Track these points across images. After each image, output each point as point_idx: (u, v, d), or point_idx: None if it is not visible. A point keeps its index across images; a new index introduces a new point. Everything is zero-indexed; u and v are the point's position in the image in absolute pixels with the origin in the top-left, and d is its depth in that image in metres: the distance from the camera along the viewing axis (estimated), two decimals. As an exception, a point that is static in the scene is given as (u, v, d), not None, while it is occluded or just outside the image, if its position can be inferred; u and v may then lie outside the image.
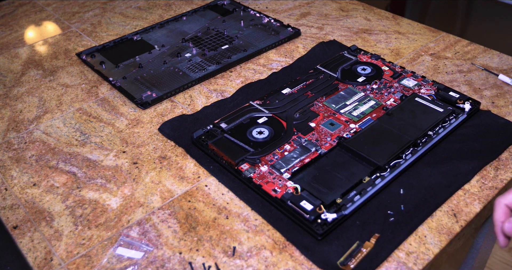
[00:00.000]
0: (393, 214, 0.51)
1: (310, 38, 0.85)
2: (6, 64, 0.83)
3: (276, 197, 0.52)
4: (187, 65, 0.78)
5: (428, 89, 0.68)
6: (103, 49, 0.84)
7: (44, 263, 0.49)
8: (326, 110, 0.65)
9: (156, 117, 0.68)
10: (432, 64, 0.76)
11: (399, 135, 0.58)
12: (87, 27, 0.94)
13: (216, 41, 0.84)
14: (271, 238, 0.50)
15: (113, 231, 0.52)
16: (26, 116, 0.70)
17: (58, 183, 0.58)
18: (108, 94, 0.74)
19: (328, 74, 0.72)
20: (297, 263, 0.47)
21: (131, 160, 0.61)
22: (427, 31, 0.86)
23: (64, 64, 0.82)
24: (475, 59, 0.77)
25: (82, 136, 0.65)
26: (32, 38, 0.91)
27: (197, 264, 0.48)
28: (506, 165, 0.57)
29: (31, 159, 0.62)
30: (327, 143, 0.59)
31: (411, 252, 0.48)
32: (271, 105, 0.66)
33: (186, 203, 0.55)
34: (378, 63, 0.74)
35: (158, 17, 0.96)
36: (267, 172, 0.55)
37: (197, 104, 0.71)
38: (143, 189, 0.57)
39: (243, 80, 0.75)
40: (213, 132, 0.62)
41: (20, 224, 0.53)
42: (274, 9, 0.97)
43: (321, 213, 0.49)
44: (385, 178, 0.54)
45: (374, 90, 0.68)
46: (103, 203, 0.55)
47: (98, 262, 0.48)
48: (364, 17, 0.92)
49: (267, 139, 0.60)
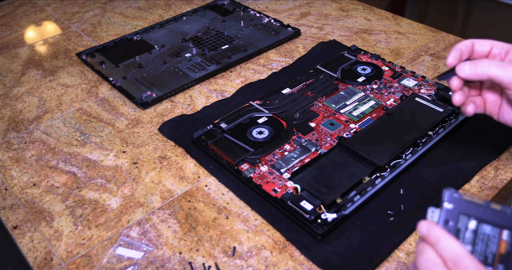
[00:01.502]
0: (393, 214, 0.51)
1: (310, 38, 0.85)
2: (6, 64, 0.83)
3: (276, 197, 0.52)
4: (187, 65, 0.78)
5: (428, 89, 0.68)
6: (103, 49, 0.84)
7: (44, 263, 0.49)
8: (326, 110, 0.65)
9: (156, 117, 0.68)
10: (432, 64, 0.76)
11: (399, 135, 0.58)
12: (87, 27, 0.94)
13: (216, 41, 0.84)
14: (271, 238, 0.50)
15: (113, 231, 0.52)
16: (26, 116, 0.70)
17: (58, 183, 0.58)
18: (108, 94, 0.74)
19: (328, 74, 0.72)
20: (297, 263, 0.47)
21: (131, 160, 0.61)
22: (427, 31, 0.86)
23: (64, 64, 0.82)
24: (475, 59, 0.77)
25: (82, 136, 0.65)
26: (32, 38, 0.91)
27: (197, 264, 0.48)
28: (506, 165, 0.57)
29: (31, 159, 0.62)
30: (327, 143, 0.59)
31: (411, 252, 0.48)
32: (271, 105, 0.66)
33: (186, 203, 0.55)
34: (378, 63, 0.74)
35: (158, 17, 0.96)
36: (267, 172, 0.55)
37: (197, 104, 0.71)
38: (143, 189, 0.57)
39: (243, 80, 0.75)
40: (213, 132, 0.62)
41: (20, 224, 0.53)
42: (274, 9, 0.97)
43: (321, 213, 0.49)
44: (385, 178, 0.54)
45: (374, 90, 0.68)
46: (103, 203, 0.55)
47: (98, 262, 0.48)
48: (364, 17, 0.92)
49: (267, 139, 0.60)
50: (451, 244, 0.31)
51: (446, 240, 0.31)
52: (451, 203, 0.31)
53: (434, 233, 0.31)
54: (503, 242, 0.31)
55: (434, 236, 0.31)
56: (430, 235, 0.32)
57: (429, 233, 0.32)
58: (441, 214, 0.31)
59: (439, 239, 0.31)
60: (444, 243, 0.31)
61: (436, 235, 0.31)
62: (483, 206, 0.31)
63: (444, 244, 0.31)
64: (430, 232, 0.32)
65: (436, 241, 0.31)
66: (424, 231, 0.32)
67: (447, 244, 0.31)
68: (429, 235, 0.32)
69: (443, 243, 0.31)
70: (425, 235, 0.32)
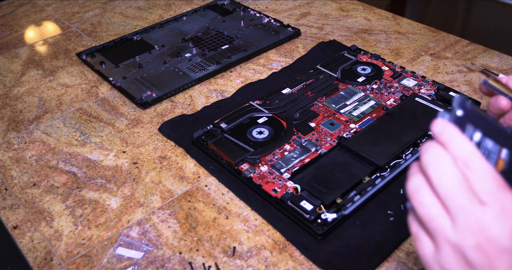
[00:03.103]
0: (393, 214, 0.51)
1: (310, 38, 0.85)
2: (6, 64, 0.83)
3: (276, 197, 0.52)
4: (187, 65, 0.78)
5: (428, 89, 0.68)
6: (103, 49, 0.84)
7: (44, 263, 0.49)
8: (326, 110, 0.65)
9: (156, 117, 0.68)
10: (432, 64, 0.76)
11: (399, 135, 0.58)
12: (87, 27, 0.94)
13: (216, 41, 0.84)
14: (271, 238, 0.50)
15: (113, 231, 0.52)
16: (26, 116, 0.70)
17: (58, 183, 0.58)
18: (108, 94, 0.74)
19: (328, 74, 0.72)
20: (297, 263, 0.47)
21: (131, 160, 0.61)
22: (427, 31, 0.86)
23: (64, 64, 0.82)
24: (475, 59, 0.77)
25: (82, 136, 0.65)
26: (32, 38, 0.91)
27: (197, 264, 0.48)
28: (506, 165, 0.57)
29: (31, 159, 0.62)
30: (327, 143, 0.59)
31: (411, 252, 0.48)
32: (271, 105, 0.66)
33: (186, 203, 0.55)
34: (378, 63, 0.74)
35: (158, 17, 0.96)
36: (267, 172, 0.55)
37: (197, 104, 0.71)
38: (143, 189, 0.57)
39: (243, 80, 0.75)
40: (213, 132, 0.62)
41: (20, 224, 0.53)
42: (274, 9, 0.97)
43: (321, 213, 0.49)
44: (385, 178, 0.54)
45: (374, 90, 0.68)
46: (103, 203, 0.55)
47: (98, 262, 0.48)
48: (364, 17, 0.92)
49: (267, 139, 0.60)
50: (465, 144, 0.29)
51: (460, 138, 0.29)
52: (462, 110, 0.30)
53: (449, 131, 0.29)
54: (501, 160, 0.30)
55: (448, 134, 0.29)
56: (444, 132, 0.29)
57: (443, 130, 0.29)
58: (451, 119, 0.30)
59: (452, 137, 0.29)
60: (458, 142, 0.29)
61: (450, 133, 0.29)
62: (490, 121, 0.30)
63: (457, 142, 0.29)
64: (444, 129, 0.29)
65: (449, 139, 0.29)
66: (438, 128, 0.30)
67: (461, 143, 0.29)
68: (443, 133, 0.29)
69: (457, 142, 0.29)
70: (438, 133, 0.30)
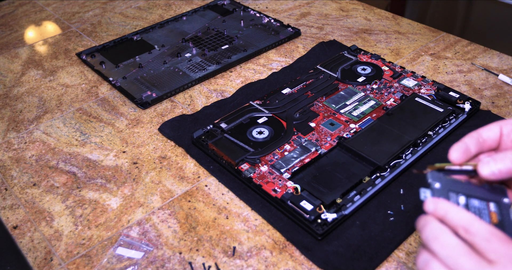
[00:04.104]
0: (393, 214, 0.51)
1: (310, 38, 0.85)
2: (6, 64, 0.83)
3: (276, 197, 0.52)
4: (187, 65, 0.78)
5: (428, 89, 0.68)
6: (103, 49, 0.84)
7: (44, 263, 0.49)
8: (326, 110, 0.65)
9: (156, 117, 0.68)
10: (432, 64, 0.76)
11: (399, 135, 0.58)
12: (87, 27, 0.94)
13: (216, 41, 0.84)
14: (271, 238, 0.50)
15: (113, 231, 0.52)
16: (26, 116, 0.70)
17: (58, 183, 0.58)
18: (108, 94, 0.74)
19: (328, 74, 0.72)
20: (297, 263, 0.47)
21: (131, 160, 0.61)
22: (427, 31, 0.86)
23: (64, 64, 0.82)
24: (475, 59, 0.77)
25: (82, 136, 0.65)
26: (32, 38, 0.91)
27: (197, 264, 0.48)
28: (506, 165, 0.57)
29: (31, 159, 0.62)
30: (327, 143, 0.59)
31: (411, 252, 0.48)
32: (271, 105, 0.66)
33: (186, 203, 0.55)
34: (378, 63, 0.74)
35: (158, 17, 0.96)
36: (267, 172, 0.55)
37: (197, 104, 0.71)
38: (143, 189, 0.57)
39: (243, 80, 0.75)
40: (213, 132, 0.62)
41: (20, 224, 0.53)
42: (274, 9, 0.97)
43: (321, 213, 0.49)
44: (385, 178, 0.54)
45: (374, 90, 0.68)
46: (103, 203, 0.55)
47: (98, 262, 0.48)
48: (364, 17, 0.92)
49: (267, 139, 0.60)
50: (460, 212, 0.31)
51: (455, 209, 0.31)
52: (438, 182, 0.32)
53: (441, 206, 0.31)
54: (493, 213, 0.32)
55: (442, 209, 0.31)
56: (438, 209, 0.31)
57: (436, 207, 0.32)
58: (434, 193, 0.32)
59: (447, 210, 0.31)
60: (453, 213, 0.31)
61: (443, 207, 0.31)
62: (465, 183, 0.33)
63: (453, 214, 0.31)
64: (437, 206, 0.32)
65: (445, 212, 0.31)
66: (431, 207, 0.32)
67: (456, 212, 0.31)
68: (437, 209, 0.32)
69: (452, 213, 0.31)
70: (433, 211, 0.32)
